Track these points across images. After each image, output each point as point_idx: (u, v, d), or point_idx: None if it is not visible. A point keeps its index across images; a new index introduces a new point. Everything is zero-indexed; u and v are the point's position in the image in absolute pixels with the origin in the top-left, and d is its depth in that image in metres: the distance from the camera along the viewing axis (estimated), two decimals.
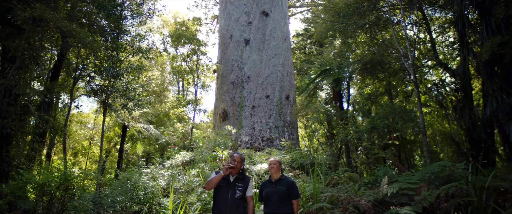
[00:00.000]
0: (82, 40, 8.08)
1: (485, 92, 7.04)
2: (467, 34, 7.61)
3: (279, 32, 15.01)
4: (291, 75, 14.89)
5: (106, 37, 10.03)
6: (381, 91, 12.19)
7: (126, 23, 10.82)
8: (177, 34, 13.76)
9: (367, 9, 9.91)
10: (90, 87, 9.51)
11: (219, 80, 14.67)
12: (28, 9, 6.97)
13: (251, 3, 14.83)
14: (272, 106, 13.40)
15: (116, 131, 17.36)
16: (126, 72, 10.41)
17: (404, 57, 8.67)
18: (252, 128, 12.99)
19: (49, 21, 7.34)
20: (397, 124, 8.93)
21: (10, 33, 7.35)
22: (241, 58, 14.29)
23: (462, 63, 7.52)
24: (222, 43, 15.18)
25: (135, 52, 10.85)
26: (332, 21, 11.34)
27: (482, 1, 7.23)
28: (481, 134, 7.11)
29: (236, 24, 14.74)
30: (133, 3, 11.05)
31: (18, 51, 7.19)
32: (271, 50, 14.44)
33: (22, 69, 7.46)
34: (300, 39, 19.88)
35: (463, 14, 7.64)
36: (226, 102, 13.86)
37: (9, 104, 7.25)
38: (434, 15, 10.38)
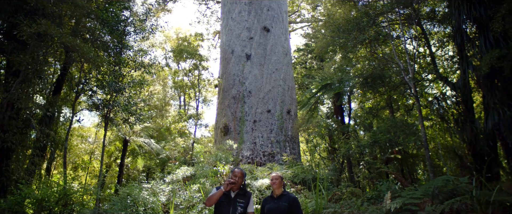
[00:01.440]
0: (86, 55, 8.19)
1: (486, 105, 7.03)
2: (466, 48, 7.68)
3: (280, 47, 15.18)
4: (292, 90, 14.95)
5: (109, 52, 10.15)
6: (382, 105, 12.19)
7: (129, 39, 10.98)
8: (179, 49, 13.93)
9: (366, 24, 10.03)
10: (92, 101, 9.56)
11: (221, 95, 14.73)
12: (34, 25, 7.09)
13: (252, 19, 15.08)
14: (274, 120, 13.39)
15: (117, 145, 17.31)
16: (128, 87, 10.48)
17: (404, 71, 8.71)
18: (254, 143, 12.93)
19: (54, 36, 7.46)
20: (398, 138, 8.88)
21: (15, 48, 7.46)
22: (242, 73, 14.39)
23: (462, 77, 7.55)
24: (223, 58, 15.34)
25: (138, 67, 10.97)
26: (332, 37, 11.47)
27: (479, 16, 7.32)
28: (484, 147, 7.05)
29: (237, 40, 14.93)
30: (136, 19, 11.25)
31: (22, 66, 7.28)
32: (272, 65, 14.56)
33: (25, 83, 7.53)
34: (301, 54, 20.07)
35: (461, 28, 7.73)
36: (227, 116, 13.86)
37: (11, 117, 7.28)
38: (432, 29, 10.51)
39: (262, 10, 15.28)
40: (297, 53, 20.66)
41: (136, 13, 11.23)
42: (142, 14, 11.51)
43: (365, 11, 10.25)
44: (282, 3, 16.04)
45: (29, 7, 7.67)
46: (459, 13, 7.84)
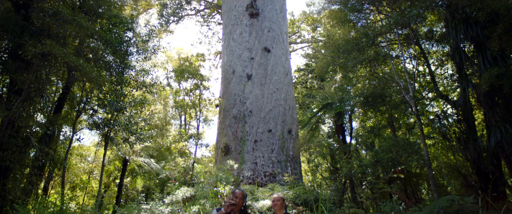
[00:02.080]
0: (88, 74, 8.28)
1: (488, 122, 6.99)
2: (465, 66, 7.74)
3: (281, 67, 15.34)
4: (293, 109, 14.96)
5: (111, 72, 10.27)
6: (384, 124, 12.15)
7: (131, 59, 11.14)
8: (181, 69, 14.09)
9: (366, 45, 10.17)
10: (93, 120, 9.57)
11: (222, 115, 14.73)
12: (39, 45, 7.21)
13: (253, 40, 15.34)
14: (275, 140, 13.30)
15: (116, 165, 17.15)
16: (129, 106, 10.53)
17: (404, 90, 8.74)
18: (255, 163, 12.78)
19: (58, 56, 7.58)
20: (401, 157, 8.77)
21: (19, 67, 7.57)
22: (243, 92, 14.46)
23: (462, 95, 7.56)
24: (224, 78, 15.48)
25: (139, 86, 11.06)
26: (332, 57, 11.61)
27: (476, 36, 7.44)
28: (488, 165, 6.94)
29: (238, 60, 15.12)
30: (139, 40, 11.46)
31: (25, 84, 7.35)
32: (273, 84, 14.65)
33: (27, 101, 7.57)
34: (302, 74, 20.26)
35: (459, 47, 7.83)
36: (228, 136, 13.79)
37: (11, 136, 7.26)
38: (431, 49, 10.64)
39: (263, 31, 15.57)
40: (298, 73, 20.85)
41: (139, 34, 11.46)
42: (144, 35, 11.74)
43: (364, 32, 10.43)
44: (282, 24, 16.37)
45: (35, 28, 7.85)
46: (456, 33, 7.97)
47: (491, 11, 6.96)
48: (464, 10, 7.83)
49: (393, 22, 9.10)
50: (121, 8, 11.68)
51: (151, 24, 12.84)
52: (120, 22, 10.49)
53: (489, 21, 7.27)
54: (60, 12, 7.86)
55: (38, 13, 7.57)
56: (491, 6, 6.91)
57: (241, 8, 15.83)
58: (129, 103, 10.50)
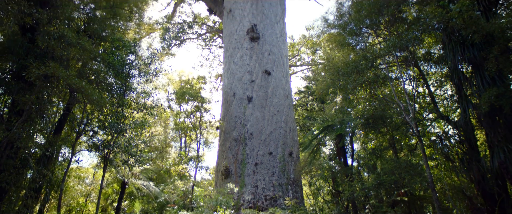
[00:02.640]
0: (90, 96, 8.34)
1: (490, 143, 6.93)
2: (464, 87, 7.78)
3: (281, 89, 15.45)
4: (294, 132, 14.90)
5: (112, 94, 10.36)
6: (385, 145, 12.04)
7: (133, 81, 11.26)
8: (182, 92, 14.20)
9: (365, 67, 10.29)
10: (92, 142, 9.53)
11: (222, 137, 14.67)
12: (43, 67, 7.32)
13: (254, 63, 15.56)
14: (275, 163, 13.15)
15: (114, 187, 16.86)
16: (129, 128, 10.51)
17: (405, 111, 8.75)
18: (255, 186, 12.56)
19: (60, 78, 7.68)
20: (404, 179, 8.62)
21: (22, 88, 7.65)
22: (244, 115, 14.47)
23: (463, 115, 7.55)
24: (225, 100, 15.56)
25: (140, 108, 11.10)
26: (332, 79, 11.71)
27: (473, 57, 7.54)
28: (493, 187, 6.80)
29: (239, 82, 15.26)
30: (141, 62, 11.63)
31: (26, 105, 7.39)
32: (274, 107, 14.68)
33: (28, 122, 7.59)
34: (302, 96, 20.36)
35: (457, 69, 7.91)
36: (228, 159, 13.66)
37: (9, 157, 7.21)
38: (430, 70, 10.75)
39: (263, 54, 15.83)
40: (298, 95, 20.98)
41: (141, 57, 11.66)
42: (147, 58, 11.93)
43: (363, 54, 10.59)
44: (282, 47, 16.67)
45: (39, 50, 8.01)
46: (453, 54, 8.09)
47: (486, 33, 7.10)
48: (460, 32, 8.00)
49: (391, 45, 9.26)
50: (124, 31, 11.98)
51: (153, 47, 13.11)
52: (123, 45, 10.71)
53: (485, 43, 7.40)
54: (65, 36, 8.06)
55: (43, 36, 7.76)
56: (485, 29, 7.06)
57: (242, 32, 16.20)
58: (130, 125, 10.50)
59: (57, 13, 8.32)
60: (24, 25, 7.97)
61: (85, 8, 10.20)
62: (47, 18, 7.97)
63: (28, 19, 7.59)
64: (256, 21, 16.10)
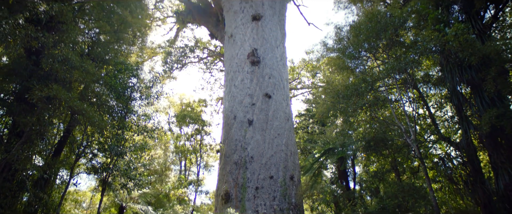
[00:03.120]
0: (91, 119, 8.37)
1: (494, 164, 6.84)
2: (464, 108, 7.80)
3: (282, 112, 15.47)
4: (295, 155, 14.76)
5: (113, 116, 10.39)
6: (387, 168, 11.88)
7: (134, 104, 11.33)
8: (183, 115, 14.25)
9: (365, 90, 10.38)
10: (91, 164, 9.44)
11: (222, 161, 14.52)
12: (45, 89, 7.41)
13: (255, 86, 15.70)
14: (276, 187, 12.91)
15: (112, 212, 16.45)
16: (129, 151, 10.45)
17: (406, 133, 8.71)
18: (256, 211, 12.26)
19: (62, 100, 7.74)
20: (407, 203, 8.43)
21: (23, 109, 7.70)
22: (244, 138, 14.40)
23: (464, 137, 7.51)
24: (226, 123, 15.55)
25: (140, 131, 11.08)
26: (333, 102, 11.77)
27: (471, 78, 7.62)
28: (500, 210, 6.62)
29: (240, 106, 15.32)
30: (142, 85, 11.76)
31: (27, 127, 7.40)
32: (274, 130, 14.63)
33: (27, 143, 7.56)
34: (303, 119, 20.36)
35: (456, 90, 7.97)
36: (228, 183, 13.43)
37: (6, 179, 7.12)
38: (429, 92, 10.82)
39: (264, 78, 16.01)
40: (299, 118, 20.97)
41: (142, 80, 11.80)
42: (148, 81, 12.07)
43: (362, 77, 10.71)
44: (283, 71, 16.90)
45: (43, 72, 8.14)
46: (452, 76, 8.18)
47: (482, 55, 7.22)
48: (457, 55, 8.13)
49: (390, 68, 9.39)
50: (127, 55, 12.21)
51: (155, 71, 13.33)
52: (126, 68, 10.88)
53: (482, 64, 7.51)
54: (69, 59, 8.21)
55: (48, 59, 7.91)
56: (482, 51, 7.19)
57: (243, 56, 16.49)
58: (130, 148, 10.44)
59: (63, 37, 8.54)
60: (30, 48, 8.16)
61: (89, 32, 10.47)
62: (52, 41, 8.17)
63: (35, 42, 7.78)
64: (256, 45, 16.44)
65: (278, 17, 17.37)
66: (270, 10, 16.99)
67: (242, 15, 16.64)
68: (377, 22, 10.14)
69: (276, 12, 17.28)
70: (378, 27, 10.23)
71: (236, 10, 16.84)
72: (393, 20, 9.81)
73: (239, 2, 16.81)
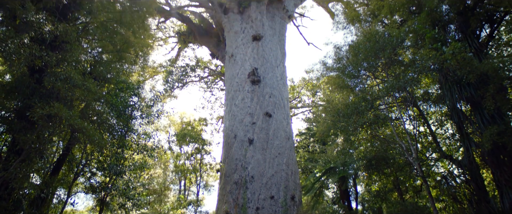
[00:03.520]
0: (91, 137, 8.35)
1: (498, 182, 6.74)
2: (464, 126, 7.78)
3: (282, 131, 15.41)
4: (296, 174, 14.58)
5: (113, 135, 10.36)
6: (390, 187, 11.70)
7: (134, 122, 11.33)
8: (183, 134, 14.20)
9: (365, 108, 10.41)
10: (90, 183, 9.33)
11: (222, 180, 14.33)
12: (47, 107, 7.42)
13: (255, 105, 15.73)
14: (277, 207, 12.66)
15: None
16: (128, 170, 10.35)
17: (407, 152, 8.65)
18: None
19: (63, 118, 7.75)
20: None
21: (24, 127, 7.69)
22: (245, 157, 14.27)
23: (466, 154, 7.45)
24: (226, 142, 15.47)
25: (140, 150, 11.03)
26: (333, 121, 11.77)
27: (471, 96, 7.66)
28: None
29: (240, 125, 15.29)
30: (143, 104, 11.81)
31: (26, 145, 7.36)
32: (275, 149, 14.53)
33: (25, 161, 7.50)
34: (303, 138, 20.26)
35: (456, 108, 7.99)
36: (228, 203, 13.19)
37: (2, 198, 7.00)
38: (429, 109, 10.84)
39: (264, 97, 16.08)
40: (299, 137, 20.88)
41: (143, 99, 11.87)
42: (149, 100, 12.14)
43: (362, 96, 10.77)
44: (283, 90, 16.99)
45: (45, 90, 8.20)
46: (451, 94, 8.23)
47: (480, 73, 7.29)
48: (455, 73, 8.21)
49: (390, 86, 9.46)
50: (129, 74, 12.34)
51: (156, 90, 13.45)
52: (127, 87, 10.97)
53: (480, 82, 7.57)
54: (72, 77, 8.29)
55: (50, 77, 7.99)
56: (479, 69, 7.27)
57: (243, 75, 16.65)
58: (129, 167, 10.35)
59: (66, 56, 8.66)
60: (33, 67, 8.26)
61: (92, 51, 10.64)
62: (55, 60, 8.28)
63: (38, 61, 7.89)
64: (257, 65, 16.63)
65: (278, 37, 17.68)
66: (270, 31, 17.31)
67: (243, 35, 16.95)
68: (376, 42, 10.31)
69: (276, 32, 17.61)
70: (377, 47, 10.39)
71: (237, 30, 17.18)
72: (391, 39, 9.98)
73: (240, 23, 17.17)
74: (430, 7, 9.15)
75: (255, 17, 16.90)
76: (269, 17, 17.87)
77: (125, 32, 10.49)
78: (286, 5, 17.68)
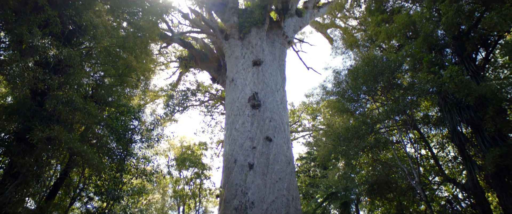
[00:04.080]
0: (90, 161, 8.27)
1: (504, 206, 6.58)
2: (466, 148, 7.72)
3: (283, 156, 15.26)
4: (297, 200, 14.25)
5: (112, 158, 10.27)
6: (393, 212, 11.39)
7: (134, 146, 11.26)
8: (182, 158, 14.07)
9: (365, 132, 10.39)
10: (86, 209, 9.11)
11: (222, 206, 13.99)
12: (47, 130, 7.42)
13: (255, 129, 15.69)
14: None
15: None
16: (126, 195, 10.14)
17: (409, 175, 8.53)
18: None
19: (63, 141, 7.72)
20: None
21: (22, 150, 7.63)
22: (245, 183, 14.03)
23: (470, 177, 7.34)
24: (226, 167, 15.28)
25: (139, 175, 10.88)
26: (334, 145, 11.71)
27: (471, 118, 7.66)
28: None
29: (240, 149, 15.17)
30: (143, 128, 11.79)
31: (24, 168, 7.28)
32: (275, 174, 14.32)
33: (22, 185, 7.37)
34: (304, 162, 20.02)
35: (457, 130, 7.97)
36: None
37: None
38: (430, 132, 10.80)
39: (265, 121, 16.07)
40: (300, 161, 20.63)
41: (144, 123, 11.87)
42: (150, 123, 12.14)
43: (362, 120, 10.79)
44: (283, 114, 17.02)
45: (46, 113, 8.22)
46: (451, 116, 8.24)
47: (479, 95, 7.35)
48: (454, 95, 8.27)
49: (389, 109, 9.50)
50: (130, 98, 12.43)
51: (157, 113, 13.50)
52: (128, 111, 11.00)
53: (479, 104, 7.61)
54: (73, 101, 8.36)
55: (52, 100, 8.05)
56: (477, 91, 7.34)
57: (244, 100, 16.74)
58: (127, 191, 10.16)
59: (68, 79, 8.78)
60: (36, 90, 8.34)
61: (94, 75, 10.79)
62: (58, 83, 8.38)
63: (41, 84, 7.98)
64: (257, 89, 16.78)
65: (278, 62, 17.99)
66: (270, 56, 17.63)
67: (243, 60, 17.25)
68: (374, 66, 10.48)
69: (276, 57, 17.94)
70: (375, 71, 10.54)
71: (238, 55, 17.51)
72: (389, 63, 10.15)
73: (240, 49, 17.54)
74: (426, 32, 9.38)
75: (256, 42, 17.28)
76: (269, 43, 18.28)
77: (127, 57, 10.69)
78: (286, 31, 18.15)
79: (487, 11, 8.62)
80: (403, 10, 12.04)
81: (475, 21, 8.97)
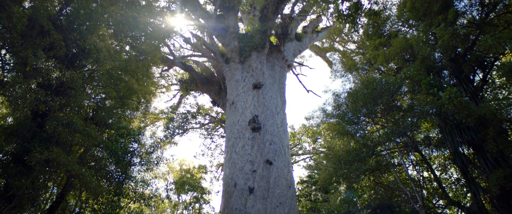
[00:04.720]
0: (88, 184, 8.16)
1: None
2: (469, 170, 7.62)
3: (283, 179, 15.03)
4: None
5: (111, 181, 10.12)
6: None
7: (133, 169, 11.14)
8: (182, 181, 13.85)
9: (366, 155, 10.30)
10: None
11: None
12: (46, 152, 7.37)
13: (255, 153, 15.56)
14: None
15: None
16: None
17: (412, 199, 8.36)
18: None
19: (61, 164, 7.64)
20: None
21: (19, 171, 7.54)
22: (245, 207, 13.72)
23: (475, 200, 7.18)
24: (226, 191, 15.00)
25: (137, 198, 10.69)
26: (335, 168, 11.57)
27: (472, 139, 7.62)
28: None
29: (240, 173, 14.97)
30: (143, 150, 11.71)
31: (20, 190, 7.15)
32: (276, 198, 14.03)
33: (16, 208, 7.21)
34: (305, 186, 19.64)
35: (458, 151, 7.90)
36: None
37: None
38: (431, 154, 10.69)
39: (265, 144, 15.97)
40: (301, 185, 20.25)
41: (144, 145, 11.81)
42: (149, 146, 12.07)
43: (363, 142, 10.72)
44: (283, 137, 16.93)
45: (45, 135, 8.20)
46: (452, 138, 8.20)
47: (478, 116, 7.35)
48: (453, 117, 8.27)
49: (390, 132, 9.47)
50: (130, 120, 12.45)
51: (157, 136, 13.44)
52: (128, 133, 10.98)
53: (479, 125, 7.59)
54: (73, 123, 8.36)
55: (52, 121, 8.06)
56: (477, 112, 7.35)
57: (244, 122, 16.74)
58: None
59: (69, 101, 8.83)
60: (37, 111, 8.37)
61: (96, 97, 10.87)
62: (59, 105, 8.43)
63: (42, 106, 8.02)
64: (257, 112, 16.82)
65: (278, 85, 18.18)
66: (270, 79, 17.83)
67: (243, 83, 17.43)
68: (374, 89, 10.56)
69: (276, 80, 18.15)
70: (375, 93, 10.61)
71: (238, 79, 17.72)
72: (388, 86, 10.24)
73: (241, 72, 17.77)
74: (423, 55, 9.54)
75: (256, 66, 17.54)
76: (269, 66, 18.56)
77: (129, 79, 10.82)
78: (286, 55, 18.48)
79: (481, 34, 8.82)
80: (400, 34, 12.32)
81: (470, 44, 9.15)
